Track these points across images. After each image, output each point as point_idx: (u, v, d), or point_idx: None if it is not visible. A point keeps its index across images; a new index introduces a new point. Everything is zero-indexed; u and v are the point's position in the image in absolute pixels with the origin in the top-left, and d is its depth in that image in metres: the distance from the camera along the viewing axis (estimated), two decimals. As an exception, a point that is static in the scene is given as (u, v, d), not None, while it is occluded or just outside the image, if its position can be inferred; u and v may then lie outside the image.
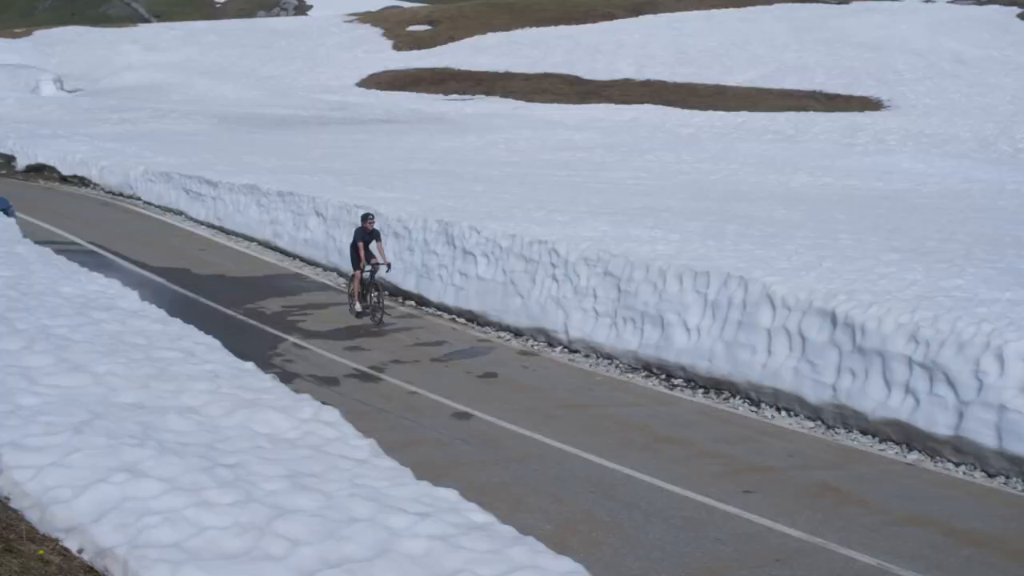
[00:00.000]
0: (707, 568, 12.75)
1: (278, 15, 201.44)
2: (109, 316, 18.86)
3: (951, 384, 17.87)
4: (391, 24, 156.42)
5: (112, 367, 15.02)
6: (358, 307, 27.39)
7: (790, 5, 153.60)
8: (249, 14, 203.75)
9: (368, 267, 27.29)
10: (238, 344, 21.53)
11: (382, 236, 28.73)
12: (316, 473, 11.72)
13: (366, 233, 27.39)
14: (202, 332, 19.42)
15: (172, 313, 21.60)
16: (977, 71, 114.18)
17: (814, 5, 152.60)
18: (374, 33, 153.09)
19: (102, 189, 52.25)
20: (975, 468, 17.41)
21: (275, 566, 9.46)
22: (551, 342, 25.46)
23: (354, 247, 27.55)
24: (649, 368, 23.18)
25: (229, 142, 65.37)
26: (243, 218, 40.18)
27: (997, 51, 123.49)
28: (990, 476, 17.15)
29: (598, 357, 24.26)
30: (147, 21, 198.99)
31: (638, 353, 23.38)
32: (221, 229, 41.51)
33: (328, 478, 11.59)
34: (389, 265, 27.58)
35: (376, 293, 27.23)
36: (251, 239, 39.33)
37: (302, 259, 35.65)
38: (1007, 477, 16.94)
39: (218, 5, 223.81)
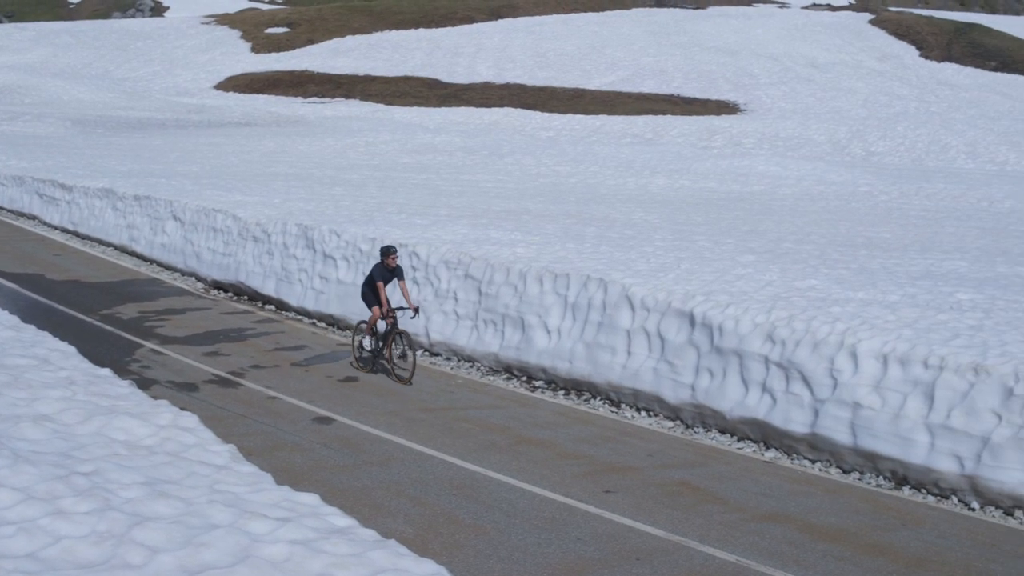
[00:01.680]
0: (569, 568, 12.83)
1: (134, 16, 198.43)
2: (-41, 323, 18.45)
3: (806, 383, 18.19)
4: (249, 26, 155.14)
5: (-37, 375, 14.70)
6: (368, 341, 22.94)
7: (647, 9, 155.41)
8: (104, 15, 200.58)
9: (388, 314, 22.31)
10: (94, 350, 21.22)
11: (405, 274, 24.21)
12: (175, 480, 11.58)
13: (387, 271, 22.43)
14: (57, 339, 19.10)
15: (25, 319, 21.25)
16: (830, 76, 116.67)
17: (670, 9, 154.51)
18: (232, 35, 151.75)
19: (-49, 193, 51.09)
20: (831, 464, 17.74)
21: (134, 575, 9.32)
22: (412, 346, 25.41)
23: (371, 287, 22.58)
24: (510, 370, 23.25)
25: (84, 145, 64.36)
26: (99, 222, 39.54)
27: (850, 56, 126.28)
28: (845, 472, 17.49)
29: (459, 360, 24.28)
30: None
31: (499, 355, 23.45)
32: (76, 234, 40.83)
33: (187, 484, 11.46)
34: (417, 310, 22.46)
35: (404, 346, 22.40)
36: (107, 244, 38.72)
37: (159, 264, 35.18)
38: (861, 473, 17.29)
39: (72, 5, 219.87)
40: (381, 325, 22.79)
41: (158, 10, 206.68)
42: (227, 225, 32.22)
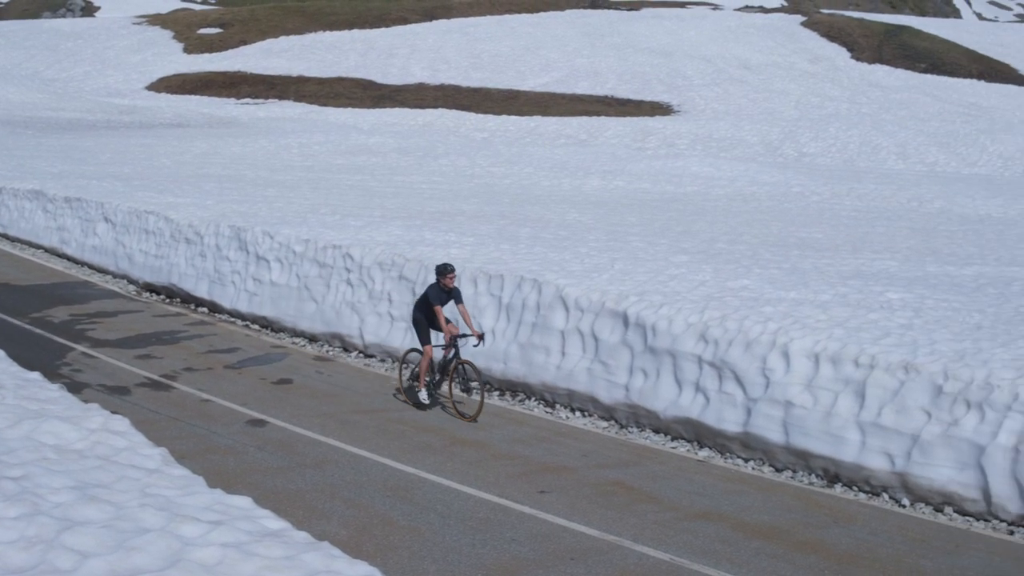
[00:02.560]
0: (503, 568, 12.84)
1: (64, 16, 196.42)
2: None
3: (739, 382, 18.30)
4: (181, 26, 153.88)
5: None
6: (424, 395, 20.32)
7: (581, 11, 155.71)
8: (34, 15, 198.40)
9: (446, 340, 20.16)
10: (23, 354, 21.00)
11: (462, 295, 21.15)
12: (105, 483, 11.47)
13: (443, 293, 19.84)
14: (-15, 342, 18.91)
15: (-47, 323, 20.99)
16: (763, 77, 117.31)
17: (604, 11, 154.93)
18: (164, 35, 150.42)
19: None
20: (763, 463, 17.86)
21: (63, 580, 9.24)
22: (346, 347, 25.35)
23: (424, 311, 20.12)
24: (444, 371, 23.20)
25: (13, 147, 63.65)
26: (28, 224, 39.15)
27: (782, 58, 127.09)
28: (778, 471, 17.61)
29: (393, 361, 24.22)
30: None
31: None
32: (5, 236, 40.42)
33: (118, 488, 11.35)
34: (482, 336, 19.99)
35: (466, 377, 20.51)
36: (37, 246, 38.36)
37: (91, 266, 34.88)
38: (794, 471, 17.42)
39: (0, 5, 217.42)
40: (437, 354, 20.59)
41: (89, 10, 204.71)
42: (159, 227, 31.99)
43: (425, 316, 20.13)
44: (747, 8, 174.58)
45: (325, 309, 25.94)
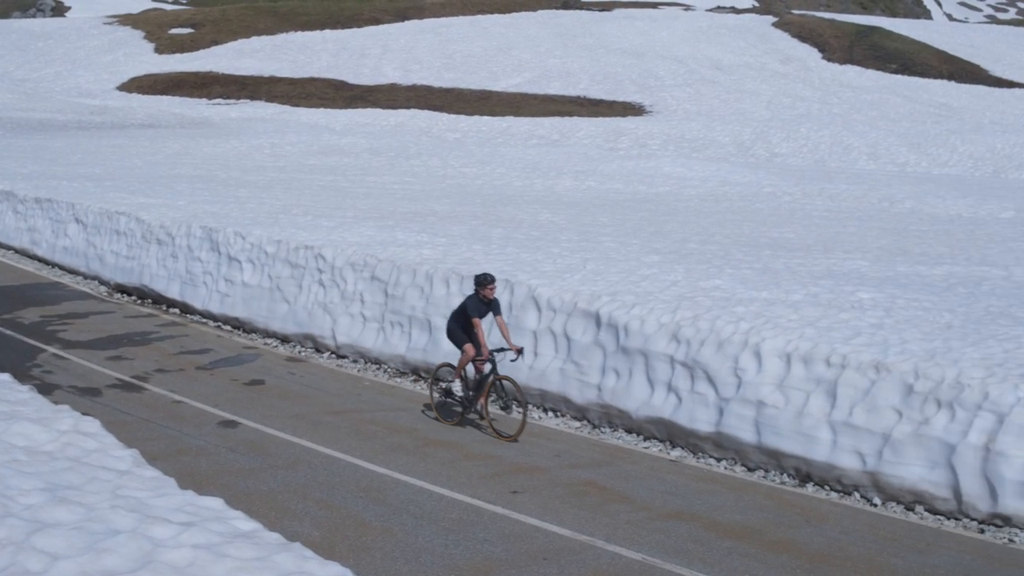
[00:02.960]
0: (476, 569, 12.84)
1: (35, 16, 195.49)
2: None
3: (711, 382, 18.34)
4: (153, 27, 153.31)
5: None
6: (457, 385, 19.46)
7: (553, 11, 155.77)
8: (3, 15, 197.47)
9: (484, 355, 18.91)
10: (-7, 355, 20.91)
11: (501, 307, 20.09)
12: (76, 485, 11.42)
13: (483, 305, 18.93)
14: (-45, 343, 18.83)
15: (-78, 324, 20.88)
16: (735, 78, 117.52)
17: (576, 11, 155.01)
18: (135, 35, 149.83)
19: None
20: (736, 463, 17.90)
21: (33, 582, 9.19)
22: (319, 348, 25.31)
23: (461, 321, 19.17)
24: (417, 372, 23.21)
25: (-17, 147, 63.33)
26: (-2, 225, 38.99)
27: (753, 58, 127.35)
28: (750, 470, 17.66)
29: (366, 362, 24.20)
30: None
31: (406, 357, 23.39)
32: (-25, 237, 40.22)
33: (88, 490, 11.30)
34: (520, 351, 18.91)
35: (505, 395, 18.98)
36: (7, 247, 38.18)
37: (62, 267, 34.74)
38: (766, 471, 17.47)
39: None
40: (469, 368, 19.45)
41: (59, 10, 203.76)
42: (130, 228, 31.88)
43: (461, 327, 19.12)
44: (719, 9, 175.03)
45: (297, 310, 25.90)
